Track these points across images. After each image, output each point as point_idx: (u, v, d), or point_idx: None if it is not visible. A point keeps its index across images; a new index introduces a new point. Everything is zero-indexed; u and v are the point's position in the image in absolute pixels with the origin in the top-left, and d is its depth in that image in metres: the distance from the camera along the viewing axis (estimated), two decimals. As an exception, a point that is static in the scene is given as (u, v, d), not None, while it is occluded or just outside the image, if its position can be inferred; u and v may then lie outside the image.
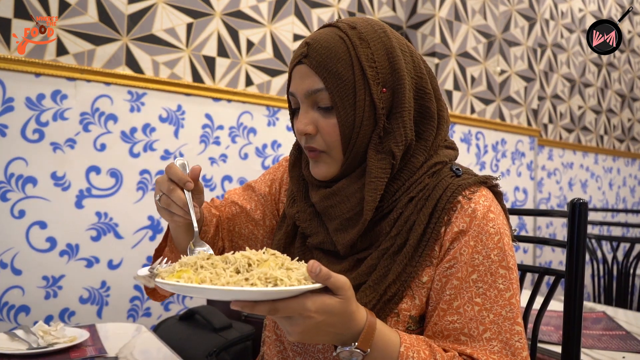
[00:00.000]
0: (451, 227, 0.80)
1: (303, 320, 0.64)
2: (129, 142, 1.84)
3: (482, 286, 0.78)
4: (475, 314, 0.77)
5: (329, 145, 0.83)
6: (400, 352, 0.71)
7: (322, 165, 0.85)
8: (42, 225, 1.69)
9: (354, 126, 0.81)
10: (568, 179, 3.39)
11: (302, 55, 0.82)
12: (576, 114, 3.50)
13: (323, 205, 0.86)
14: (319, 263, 0.64)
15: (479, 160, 2.63)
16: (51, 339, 1.32)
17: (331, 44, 0.81)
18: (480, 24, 2.66)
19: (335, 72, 0.79)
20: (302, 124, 0.83)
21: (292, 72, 0.85)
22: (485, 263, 0.78)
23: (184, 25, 1.97)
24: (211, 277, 0.65)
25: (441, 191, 0.82)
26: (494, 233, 0.79)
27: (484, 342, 0.76)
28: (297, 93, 0.84)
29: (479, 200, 0.81)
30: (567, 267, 1.15)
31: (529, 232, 2.87)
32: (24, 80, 1.66)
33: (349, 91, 0.80)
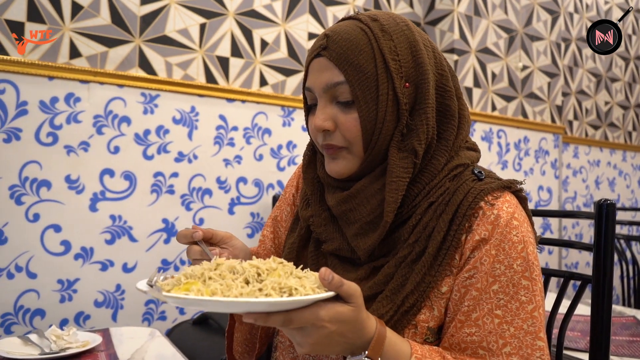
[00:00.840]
0: (472, 235, 0.76)
1: (316, 331, 0.62)
2: (142, 144, 1.83)
3: (503, 297, 0.74)
4: (495, 327, 0.73)
5: (349, 141, 0.79)
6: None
7: (340, 162, 0.80)
8: (56, 229, 1.68)
9: (377, 121, 0.77)
10: (595, 177, 3.28)
11: (321, 47, 0.78)
12: (603, 110, 3.39)
13: (341, 209, 0.82)
14: (330, 270, 0.61)
15: (501, 159, 2.56)
16: (64, 343, 1.31)
17: (352, 36, 0.77)
18: (500, 18, 2.59)
19: (357, 64, 0.76)
20: (319, 119, 0.79)
21: (309, 66, 0.81)
22: (507, 273, 0.74)
23: (197, 26, 1.95)
24: (222, 288, 0.62)
25: (462, 196, 0.77)
26: (517, 242, 0.75)
27: (503, 357, 0.72)
28: (314, 87, 0.80)
29: (502, 206, 0.77)
30: (594, 272, 1.09)
31: (554, 233, 2.78)
32: (37, 84, 1.66)
33: (371, 85, 0.76)
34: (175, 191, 1.88)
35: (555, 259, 2.80)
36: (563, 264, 2.97)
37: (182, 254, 1.88)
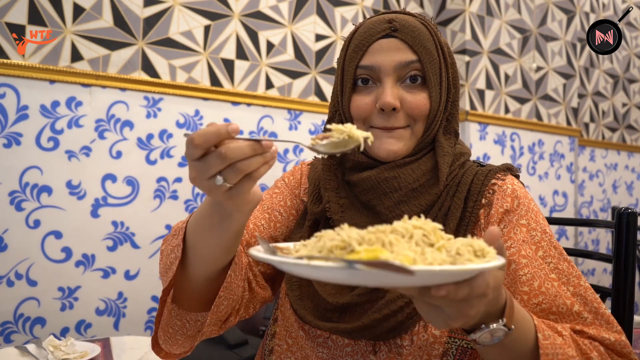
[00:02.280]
0: (495, 209, 0.81)
1: (480, 300, 0.54)
2: (145, 149, 1.79)
3: (551, 261, 0.77)
4: (557, 289, 0.75)
5: (415, 119, 0.83)
6: (536, 324, 0.66)
7: (398, 142, 0.82)
8: (57, 235, 1.65)
9: (440, 103, 0.84)
10: (612, 181, 3.18)
11: (392, 29, 0.82)
12: (620, 112, 3.29)
13: (383, 177, 0.82)
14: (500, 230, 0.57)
15: (515, 163, 2.48)
16: (61, 354, 1.28)
17: (417, 24, 0.84)
18: (514, 18, 2.52)
19: (427, 47, 0.82)
20: (390, 97, 0.80)
21: (371, 46, 0.83)
22: (545, 238, 0.79)
23: (201, 28, 1.91)
24: (416, 256, 0.49)
25: (471, 176, 0.83)
26: (537, 211, 0.83)
27: (574, 316, 0.74)
28: (383, 66, 0.82)
29: (512, 182, 0.84)
30: (613, 286, 1.02)
31: (570, 239, 2.69)
32: (38, 88, 1.63)
33: (436, 68, 0.83)
34: (178, 197, 1.84)
35: (571, 265, 2.71)
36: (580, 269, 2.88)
37: (186, 261, 1.84)
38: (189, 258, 0.75)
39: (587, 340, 0.71)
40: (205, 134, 0.56)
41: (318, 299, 0.83)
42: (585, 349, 0.69)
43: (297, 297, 0.85)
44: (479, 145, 2.36)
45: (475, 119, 2.34)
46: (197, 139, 0.56)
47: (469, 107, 2.34)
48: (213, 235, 0.70)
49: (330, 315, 0.82)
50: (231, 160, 0.57)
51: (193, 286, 0.78)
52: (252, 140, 0.57)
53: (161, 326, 0.81)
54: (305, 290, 0.85)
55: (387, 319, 0.77)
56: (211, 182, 0.58)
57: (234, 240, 0.73)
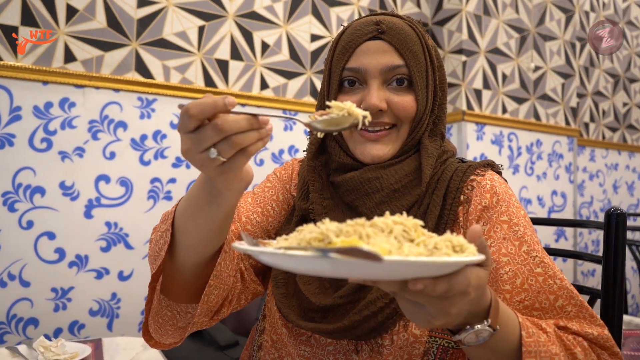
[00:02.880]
0: (474, 206, 0.81)
1: (461, 299, 0.53)
2: (139, 149, 1.79)
3: (537, 255, 0.76)
4: (541, 284, 0.74)
5: (401, 120, 0.83)
6: (521, 322, 0.66)
7: (385, 146, 0.83)
8: (50, 236, 1.65)
9: (426, 106, 0.84)
10: (612, 181, 3.16)
11: (379, 31, 0.82)
12: (621, 112, 3.27)
13: (365, 177, 0.82)
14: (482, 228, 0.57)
15: (512, 163, 2.47)
16: (51, 355, 1.28)
17: (404, 27, 0.84)
18: (511, 17, 2.50)
19: (414, 51, 0.83)
20: (376, 98, 0.81)
21: (357, 48, 0.83)
22: (527, 233, 0.78)
23: (195, 29, 1.91)
24: (391, 248, 0.50)
25: (451, 173, 0.83)
26: (518, 206, 0.82)
27: (557, 311, 0.73)
28: (369, 68, 0.82)
29: (492, 177, 0.84)
30: (603, 287, 1.01)
31: (569, 239, 2.68)
32: (31, 89, 1.64)
33: (423, 72, 0.84)
34: (172, 197, 1.83)
35: (570, 266, 2.69)
36: (579, 271, 2.86)
37: (180, 262, 1.84)
38: (178, 244, 0.74)
39: (570, 336, 0.71)
40: (202, 104, 0.55)
41: (302, 298, 0.83)
42: (569, 344, 0.69)
43: (282, 295, 0.85)
44: (476, 145, 2.35)
45: (472, 119, 2.33)
46: (192, 109, 0.55)
47: (466, 107, 2.33)
48: (203, 216, 0.69)
49: (313, 315, 0.82)
50: (227, 132, 0.55)
51: (182, 275, 0.77)
52: (248, 115, 0.56)
53: (151, 314, 0.80)
54: (291, 288, 0.85)
55: (367, 319, 0.77)
56: (204, 155, 0.57)
57: (223, 223, 0.71)
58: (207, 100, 0.55)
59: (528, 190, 2.51)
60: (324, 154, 0.90)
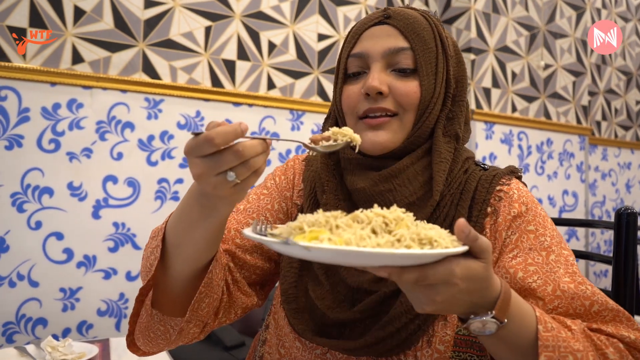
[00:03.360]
0: (503, 216, 0.78)
1: (447, 288, 0.56)
2: (146, 150, 1.80)
3: (565, 264, 0.75)
4: (573, 291, 0.72)
5: (404, 107, 0.78)
6: (538, 317, 0.64)
7: (385, 133, 0.78)
8: (58, 237, 1.66)
9: (433, 94, 0.79)
10: (625, 181, 3.12)
11: (384, 16, 0.81)
12: (634, 110, 3.22)
13: (378, 189, 0.78)
14: (467, 222, 0.56)
15: (522, 163, 2.44)
16: (59, 355, 1.28)
17: (414, 14, 0.81)
18: (521, 15, 2.47)
19: (422, 36, 0.79)
20: (377, 80, 0.77)
21: (362, 34, 0.81)
22: (554, 243, 0.76)
23: (202, 29, 1.91)
24: (355, 238, 0.54)
25: (475, 183, 0.80)
26: (545, 215, 0.80)
27: (593, 315, 0.71)
28: (371, 51, 0.79)
29: (518, 186, 0.82)
30: (613, 287, 0.99)
31: (580, 239, 2.64)
32: (40, 90, 1.65)
33: (432, 58, 0.79)
34: (180, 198, 1.84)
35: (582, 266, 2.66)
36: (591, 272, 2.83)
37: (187, 262, 1.84)
38: (171, 258, 0.74)
39: (603, 337, 0.68)
40: (225, 134, 0.57)
41: (315, 313, 0.80)
42: (601, 344, 0.66)
43: (294, 310, 0.82)
44: (485, 144, 2.33)
45: (481, 118, 2.31)
46: (217, 138, 0.57)
47: (475, 105, 2.31)
48: (198, 230, 0.69)
49: (329, 330, 0.79)
50: (247, 157, 0.58)
51: (176, 287, 0.76)
52: (260, 139, 0.60)
53: (140, 329, 0.79)
54: (302, 303, 0.83)
55: (390, 336, 0.75)
56: (220, 177, 0.59)
57: (218, 233, 0.72)
58: (228, 129, 0.57)
59: (539, 189, 2.48)
60: (333, 153, 0.86)
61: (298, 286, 0.84)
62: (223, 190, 0.60)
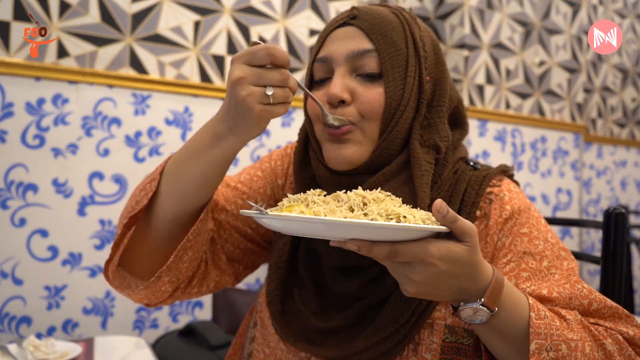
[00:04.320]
0: (494, 219, 0.75)
1: (425, 268, 0.56)
2: (133, 146, 1.77)
3: (556, 272, 0.72)
4: (570, 291, 0.69)
5: (366, 117, 0.72)
6: (531, 304, 0.63)
7: (349, 147, 0.72)
8: (43, 234, 1.64)
9: (401, 101, 0.72)
10: (620, 178, 3.10)
11: (349, 17, 0.75)
12: (629, 107, 3.20)
13: None
14: (444, 203, 0.55)
15: (516, 160, 2.42)
16: (40, 355, 1.27)
17: (384, 13, 0.75)
18: (516, 11, 2.45)
19: (389, 37, 0.73)
20: (337, 86, 0.71)
21: (327, 37, 0.76)
22: (548, 247, 0.74)
23: (191, 23, 1.88)
24: (325, 211, 0.58)
25: (465, 185, 0.77)
26: (538, 216, 0.77)
27: (591, 313, 0.69)
28: (334, 55, 0.74)
29: (509, 187, 0.79)
30: (601, 287, 0.98)
31: (574, 237, 2.63)
32: (24, 85, 1.62)
33: (400, 61, 0.73)
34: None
35: (576, 265, 2.64)
36: (585, 270, 2.81)
37: (175, 260, 1.82)
38: (162, 195, 0.73)
39: (601, 328, 0.67)
40: (285, 56, 0.63)
41: (301, 318, 0.78)
42: (599, 335, 0.65)
43: (279, 312, 0.80)
44: (479, 142, 2.30)
45: (475, 115, 2.29)
46: (278, 55, 0.62)
47: (468, 102, 2.29)
48: (201, 160, 0.69)
49: (314, 336, 0.77)
50: (288, 84, 0.63)
51: (156, 233, 0.75)
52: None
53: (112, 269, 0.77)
54: (288, 306, 0.81)
55: (375, 346, 0.72)
56: (259, 89, 0.62)
57: (218, 171, 0.70)
58: (286, 54, 0.63)
59: (532, 187, 2.46)
60: (308, 166, 0.82)
61: (283, 288, 0.82)
62: (254, 102, 0.62)
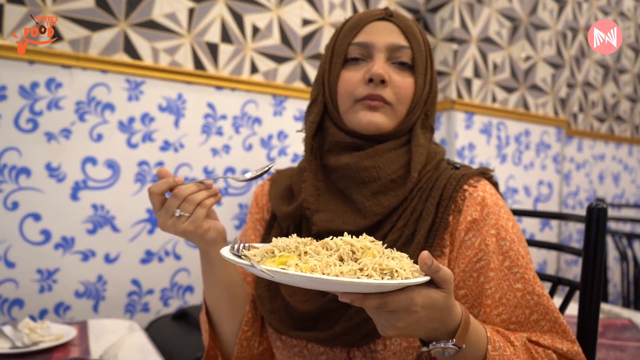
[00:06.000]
0: (464, 217, 0.81)
1: (407, 315, 0.60)
2: (126, 132, 1.78)
3: (518, 271, 0.79)
4: (519, 299, 0.77)
5: (399, 100, 0.85)
6: (488, 337, 0.71)
7: (382, 116, 0.84)
8: (36, 218, 1.64)
9: (422, 92, 0.87)
10: (599, 172, 3.20)
11: (388, 14, 0.88)
12: (609, 103, 3.29)
13: (362, 165, 0.83)
14: (430, 254, 0.59)
15: (500, 153, 2.48)
16: (36, 337, 1.29)
17: (408, 19, 0.89)
18: (504, 6, 2.49)
19: (418, 40, 0.87)
20: (382, 68, 0.83)
21: (366, 26, 0.87)
22: (513, 248, 0.80)
23: (185, 10, 1.88)
24: (320, 265, 0.59)
25: (445, 181, 0.83)
26: (507, 218, 0.83)
27: (532, 325, 0.77)
28: (376, 43, 0.85)
29: (484, 188, 0.84)
30: (582, 279, 1.03)
31: (553, 228, 2.71)
32: (17, 68, 1.61)
33: (423, 62, 0.87)
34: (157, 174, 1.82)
35: (554, 255, 2.73)
36: (562, 260, 2.91)
37: (167, 245, 1.84)
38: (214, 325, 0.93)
39: (540, 349, 0.75)
40: (157, 184, 0.78)
41: (290, 310, 0.85)
42: (538, 356, 0.74)
43: (269, 311, 0.88)
44: (465, 134, 2.36)
45: (462, 108, 2.34)
46: (151, 187, 0.78)
47: (456, 95, 2.34)
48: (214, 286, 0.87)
49: (305, 324, 0.84)
50: (183, 196, 0.77)
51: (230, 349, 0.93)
52: (195, 182, 0.79)
53: None
54: (277, 303, 0.88)
55: (359, 325, 0.78)
56: (174, 218, 0.77)
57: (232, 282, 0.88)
58: (159, 181, 0.79)
59: (515, 179, 2.53)
60: (317, 137, 0.92)
61: (270, 289, 0.90)
62: (180, 227, 0.77)
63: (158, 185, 0.78)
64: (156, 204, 0.79)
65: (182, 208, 0.77)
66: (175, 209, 0.77)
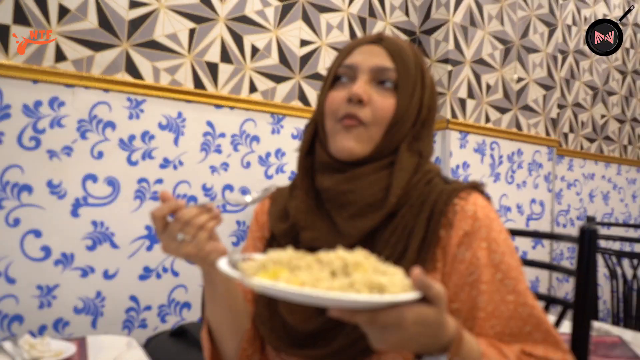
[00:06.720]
0: (455, 231, 0.81)
1: (398, 331, 0.60)
2: (127, 149, 1.80)
3: (510, 283, 0.80)
4: (512, 312, 0.78)
5: (375, 120, 0.85)
6: (483, 352, 0.71)
7: (354, 141, 0.85)
8: (37, 234, 1.66)
9: (404, 115, 0.86)
10: (589, 191, 3.25)
11: (378, 38, 0.90)
12: (599, 123, 3.36)
13: (340, 189, 0.84)
14: (422, 271, 0.60)
15: (494, 172, 2.53)
16: (36, 353, 1.29)
17: (402, 43, 0.91)
18: (497, 29, 2.56)
19: (406, 62, 0.88)
20: (361, 89, 0.85)
21: (355, 49, 0.90)
22: (504, 260, 0.80)
23: (186, 31, 1.93)
24: (311, 280, 0.58)
25: (436, 196, 0.84)
26: (499, 230, 0.83)
27: (525, 336, 0.78)
28: (361, 64, 0.87)
29: (475, 201, 0.84)
30: (575, 298, 1.07)
31: (545, 246, 2.75)
32: (21, 87, 1.64)
33: (410, 84, 0.87)
34: (159, 198, 1.85)
35: (546, 273, 2.77)
36: (554, 277, 2.95)
37: (165, 261, 1.86)
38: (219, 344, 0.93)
39: None
40: (160, 208, 0.78)
41: (289, 328, 0.86)
42: None
43: (269, 329, 0.89)
44: (459, 153, 2.41)
45: (456, 127, 2.39)
46: (153, 212, 0.78)
47: (450, 115, 2.39)
48: (217, 306, 0.88)
49: (303, 341, 0.85)
50: (185, 219, 0.77)
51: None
52: (197, 205, 0.80)
53: None
54: (276, 322, 0.89)
55: (354, 343, 0.79)
56: (176, 242, 0.78)
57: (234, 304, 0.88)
58: (162, 205, 0.78)
59: (508, 198, 2.58)
60: (311, 155, 0.93)
61: (270, 308, 0.90)
62: (184, 251, 0.78)
63: (160, 209, 0.79)
64: (159, 228, 0.79)
65: (184, 231, 0.78)
66: (177, 232, 0.78)
